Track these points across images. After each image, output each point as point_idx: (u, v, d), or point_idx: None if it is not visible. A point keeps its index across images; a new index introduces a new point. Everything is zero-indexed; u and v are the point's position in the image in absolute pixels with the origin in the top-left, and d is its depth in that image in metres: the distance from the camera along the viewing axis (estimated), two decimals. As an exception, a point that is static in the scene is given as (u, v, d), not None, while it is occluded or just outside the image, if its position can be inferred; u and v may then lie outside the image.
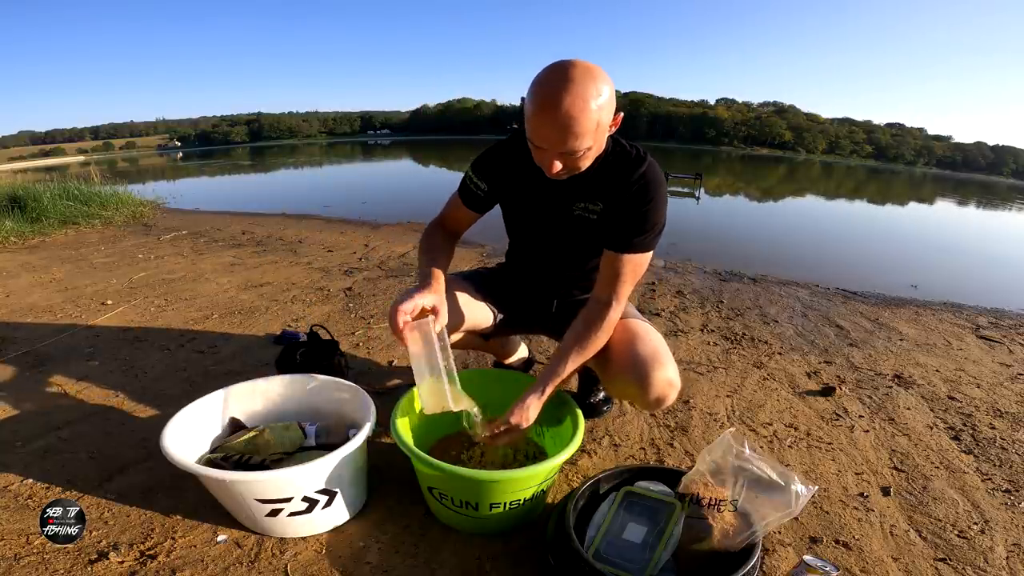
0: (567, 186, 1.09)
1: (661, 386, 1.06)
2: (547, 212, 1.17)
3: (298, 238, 4.25)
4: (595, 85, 0.89)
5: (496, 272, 1.43)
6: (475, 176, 1.20)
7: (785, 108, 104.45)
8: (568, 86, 0.88)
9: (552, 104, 0.89)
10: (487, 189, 1.20)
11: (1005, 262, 6.06)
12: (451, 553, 1.04)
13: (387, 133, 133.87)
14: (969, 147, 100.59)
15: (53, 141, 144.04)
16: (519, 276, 1.37)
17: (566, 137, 0.92)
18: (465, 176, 1.21)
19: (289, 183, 13.95)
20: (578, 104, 0.88)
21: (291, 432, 1.18)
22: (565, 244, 1.21)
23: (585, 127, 0.91)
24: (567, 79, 0.88)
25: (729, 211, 9.85)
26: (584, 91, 0.88)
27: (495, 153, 1.18)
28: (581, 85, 0.88)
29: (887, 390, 1.85)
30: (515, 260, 1.39)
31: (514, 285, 1.37)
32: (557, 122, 0.90)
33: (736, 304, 2.76)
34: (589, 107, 0.89)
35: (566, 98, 0.88)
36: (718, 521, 0.93)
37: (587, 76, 0.89)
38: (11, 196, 4.86)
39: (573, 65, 0.90)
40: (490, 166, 1.19)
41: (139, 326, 2.22)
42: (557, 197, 1.14)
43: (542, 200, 1.16)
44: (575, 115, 0.89)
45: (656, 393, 1.06)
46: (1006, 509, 1.25)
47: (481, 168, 1.19)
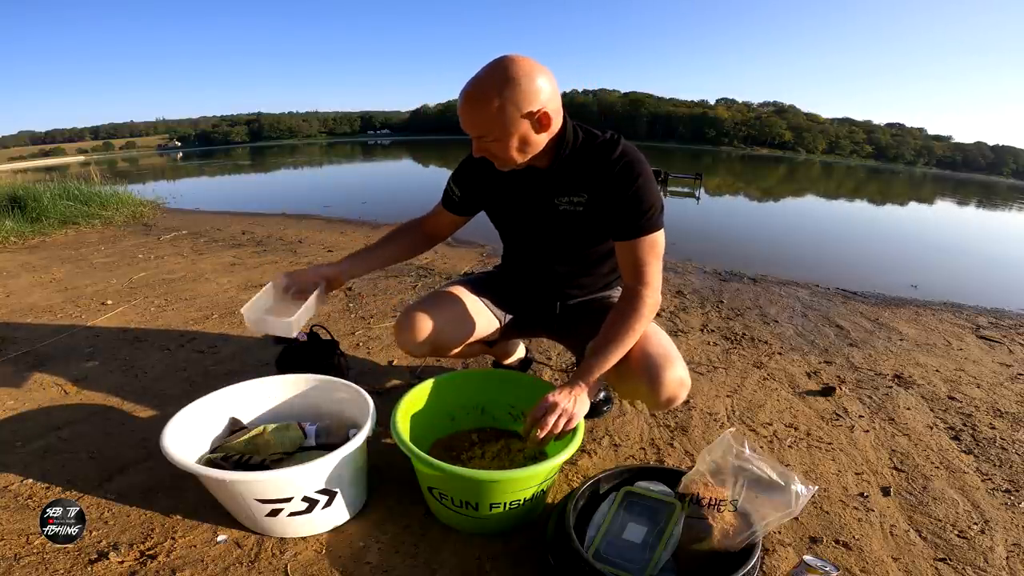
0: (545, 182, 1.11)
1: (672, 386, 1.06)
2: (531, 211, 1.18)
3: (298, 238, 4.26)
4: (506, 76, 0.94)
5: (495, 275, 1.43)
6: (452, 183, 1.27)
7: (785, 108, 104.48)
8: (478, 75, 0.96)
9: (463, 90, 0.98)
10: (461, 195, 1.26)
11: (1005, 262, 6.06)
12: (451, 553, 1.04)
13: (387, 133, 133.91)
14: (969, 147, 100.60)
15: (53, 141, 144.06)
16: (517, 279, 1.37)
17: (468, 123, 0.99)
18: (447, 182, 1.29)
19: (289, 183, 13.95)
20: (476, 95, 0.96)
21: (291, 432, 1.18)
22: (555, 241, 1.21)
23: (485, 116, 0.96)
24: (482, 70, 0.96)
25: (729, 211, 9.85)
26: (490, 80, 0.94)
27: (469, 159, 1.20)
28: (489, 76, 0.95)
29: (887, 390, 1.85)
30: (511, 263, 1.40)
31: (514, 288, 1.37)
32: (462, 107, 0.99)
33: (736, 304, 2.76)
34: (488, 100, 0.94)
35: (471, 86, 0.96)
36: (718, 521, 0.92)
37: (500, 69, 0.95)
38: (11, 196, 4.86)
39: (498, 58, 0.97)
40: (464, 173, 1.24)
41: (139, 326, 2.22)
42: (537, 195, 1.14)
43: (523, 200, 1.18)
44: (472, 101, 0.96)
45: (668, 393, 1.06)
46: (1006, 509, 1.25)
47: (457, 175, 1.26)
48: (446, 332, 1.25)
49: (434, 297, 1.29)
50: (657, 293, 1.08)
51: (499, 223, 1.30)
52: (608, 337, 1.05)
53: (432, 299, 1.28)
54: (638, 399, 1.19)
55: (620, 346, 1.05)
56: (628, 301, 1.07)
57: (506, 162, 1.04)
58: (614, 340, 1.05)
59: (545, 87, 0.96)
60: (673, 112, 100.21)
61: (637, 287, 1.07)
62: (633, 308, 1.05)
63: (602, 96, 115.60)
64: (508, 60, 0.96)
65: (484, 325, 1.33)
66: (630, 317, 1.05)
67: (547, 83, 0.97)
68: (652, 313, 1.08)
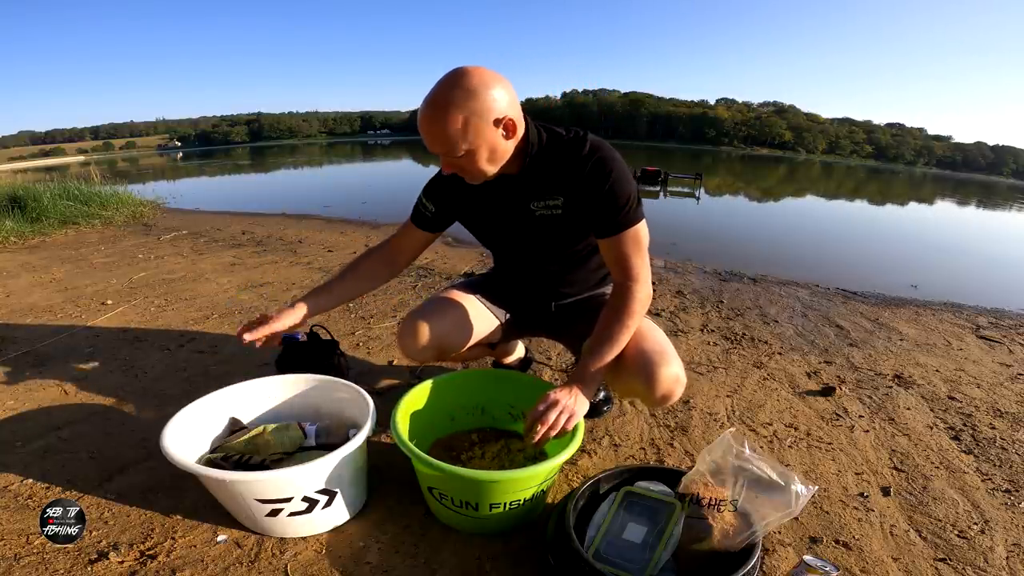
0: (518, 189, 1.10)
1: (668, 383, 1.06)
2: (508, 219, 1.17)
3: (298, 238, 4.26)
4: (464, 90, 0.92)
5: (492, 277, 1.43)
6: (424, 198, 1.24)
7: (785, 108, 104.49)
8: (434, 92, 0.93)
9: (421, 109, 0.95)
10: (435, 210, 1.23)
11: (1005, 262, 6.06)
12: (451, 553, 1.04)
13: (387, 133, 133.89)
14: (969, 147, 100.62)
15: (53, 141, 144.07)
16: (510, 282, 1.37)
17: (432, 141, 0.96)
18: (417, 199, 1.26)
19: (289, 183, 13.95)
20: (437, 113, 0.92)
21: (291, 432, 1.18)
22: (538, 244, 1.20)
23: (448, 131, 0.93)
24: (438, 85, 0.93)
25: (729, 211, 9.85)
26: (449, 95, 0.92)
27: (439, 173, 1.20)
28: (447, 90, 0.92)
29: (887, 390, 1.85)
30: (501, 268, 1.39)
31: (510, 289, 1.37)
32: (424, 126, 0.95)
33: (736, 304, 2.76)
34: (447, 115, 0.92)
35: (430, 104, 0.93)
36: (718, 521, 0.92)
37: (457, 82, 0.92)
38: (11, 196, 4.86)
39: (452, 71, 0.94)
40: (436, 187, 1.22)
41: (139, 326, 2.22)
42: (511, 202, 1.14)
43: (498, 208, 1.17)
44: (435, 119, 0.93)
45: (663, 390, 1.06)
46: (1006, 509, 1.25)
47: (429, 190, 1.24)
48: (449, 336, 1.25)
49: (435, 302, 1.30)
50: (647, 286, 1.08)
51: (477, 233, 1.28)
52: (602, 335, 1.05)
53: (433, 304, 1.29)
54: (635, 397, 1.19)
55: (615, 343, 1.05)
56: (618, 297, 1.07)
57: (477, 175, 1.03)
58: (608, 337, 1.05)
59: (504, 94, 0.96)
60: (673, 112, 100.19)
61: (626, 282, 1.07)
62: (624, 304, 1.06)
63: (602, 96, 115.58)
64: (463, 72, 0.94)
65: (485, 327, 1.33)
66: (622, 313, 1.05)
67: (505, 90, 0.96)
68: (644, 307, 1.07)
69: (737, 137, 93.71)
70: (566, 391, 1.01)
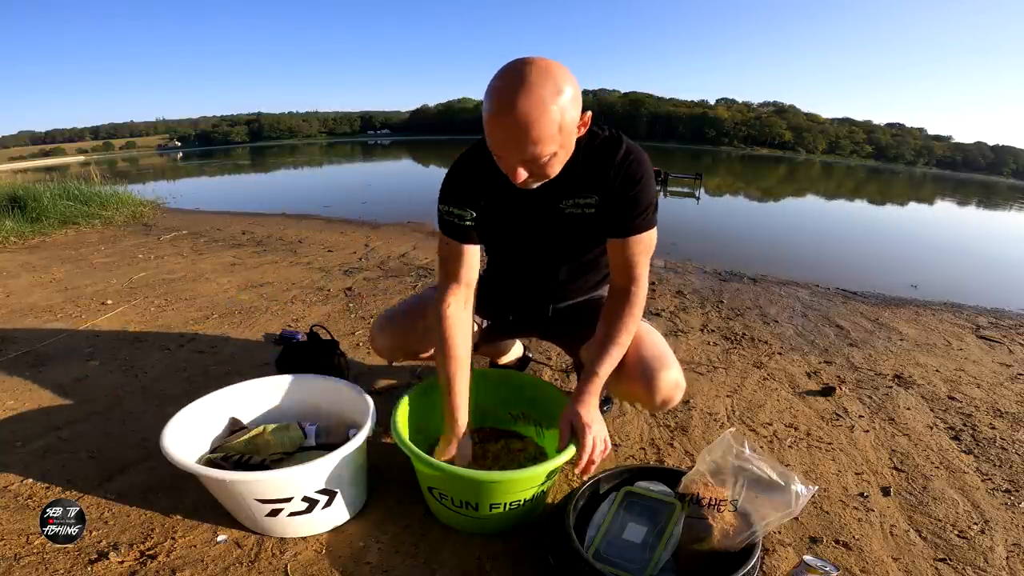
0: (551, 186, 1.01)
1: (668, 388, 1.06)
2: (534, 218, 1.09)
3: (298, 238, 4.25)
4: (554, 84, 0.83)
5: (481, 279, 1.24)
6: (455, 208, 1.07)
7: (785, 108, 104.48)
8: (524, 87, 0.82)
9: (507, 108, 0.83)
10: (476, 215, 1.07)
11: (1005, 262, 6.06)
12: (451, 553, 1.04)
13: (387, 133, 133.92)
14: (969, 147, 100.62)
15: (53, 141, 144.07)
16: (509, 284, 1.30)
17: (525, 143, 0.85)
18: (443, 216, 1.09)
19: (289, 183, 13.95)
20: (536, 106, 0.82)
21: (291, 432, 1.18)
22: (560, 246, 1.15)
23: (545, 131, 0.84)
24: (522, 80, 0.82)
25: (729, 211, 9.85)
26: (542, 92, 0.82)
27: (463, 174, 1.07)
28: (538, 86, 0.82)
29: (887, 390, 1.85)
30: (501, 271, 1.31)
31: (503, 293, 1.31)
32: (515, 127, 0.84)
33: (736, 304, 2.76)
34: (548, 109, 0.83)
35: (522, 100, 0.82)
36: (718, 521, 0.93)
37: (545, 75, 0.83)
38: (11, 196, 4.86)
39: (529, 64, 0.84)
40: (465, 190, 1.07)
41: (139, 326, 2.22)
42: (542, 200, 1.06)
43: (526, 207, 1.07)
44: (533, 118, 0.83)
45: (663, 395, 1.06)
46: (1006, 509, 1.25)
47: (456, 196, 1.07)
48: (419, 339, 1.23)
49: (408, 303, 1.29)
50: (646, 289, 1.08)
51: (494, 235, 1.15)
52: (607, 341, 1.05)
53: (406, 305, 1.28)
54: (634, 401, 1.19)
55: (620, 348, 1.05)
56: (620, 301, 1.06)
57: (545, 179, 0.95)
58: (614, 343, 1.05)
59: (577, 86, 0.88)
60: (673, 112, 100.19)
61: (628, 285, 1.06)
62: (626, 308, 1.05)
63: (602, 96, 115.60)
64: (545, 64, 0.84)
65: None
66: (625, 317, 1.05)
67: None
68: (642, 310, 1.08)
69: (737, 137, 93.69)
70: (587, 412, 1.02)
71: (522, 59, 0.86)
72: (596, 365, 1.04)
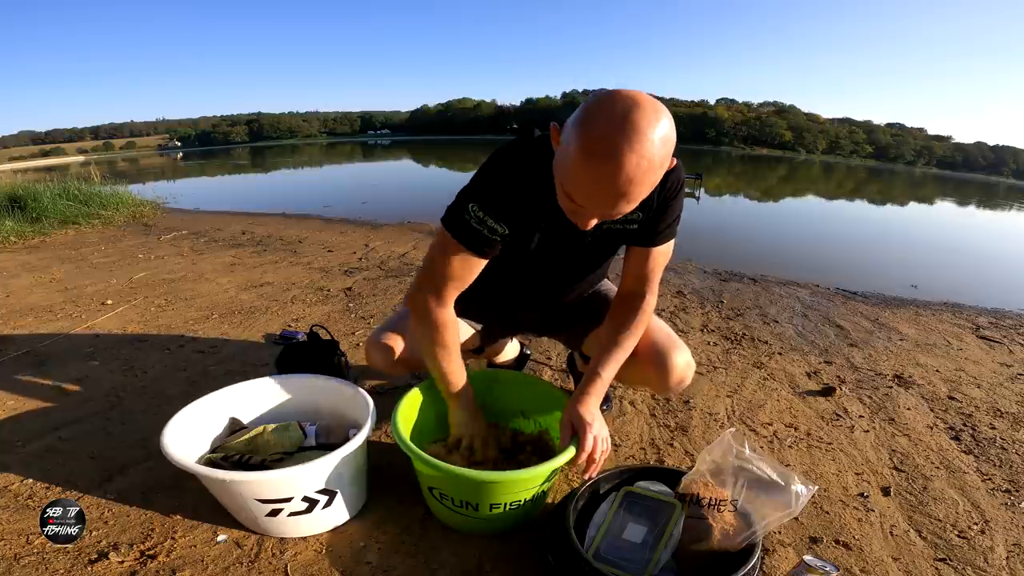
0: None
1: (680, 369, 1.08)
2: (572, 237, 1.00)
3: (298, 238, 4.25)
4: (664, 138, 0.71)
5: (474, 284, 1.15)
6: (489, 218, 0.93)
7: (785, 108, 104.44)
8: (636, 142, 0.69)
9: (611, 163, 0.70)
10: (507, 232, 0.96)
11: (1005, 262, 6.06)
12: (451, 553, 1.04)
13: (387, 133, 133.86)
14: (969, 147, 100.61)
15: (53, 141, 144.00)
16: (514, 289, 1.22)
17: (618, 202, 0.75)
18: (469, 219, 0.94)
19: (289, 183, 13.96)
20: (643, 167, 0.70)
21: (291, 432, 1.18)
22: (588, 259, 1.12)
23: (644, 192, 0.75)
24: (632, 130, 0.69)
25: (729, 211, 9.85)
26: (651, 149, 0.70)
27: (509, 184, 0.93)
28: (650, 143, 0.70)
29: (887, 390, 1.85)
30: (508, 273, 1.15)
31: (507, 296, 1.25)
32: (612, 186, 0.72)
33: (736, 304, 2.76)
34: (655, 169, 0.72)
35: (631, 160, 0.69)
36: (718, 521, 0.92)
37: (656, 126, 0.70)
38: (11, 196, 4.86)
39: (638, 108, 0.70)
40: (507, 202, 0.94)
41: (139, 326, 2.22)
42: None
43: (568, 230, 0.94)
44: (637, 181, 0.72)
45: (676, 377, 1.08)
46: (1006, 509, 1.25)
47: (494, 205, 0.93)
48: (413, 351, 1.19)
49: (403, 315, 1.23)
50: (656, 297, 1.09)
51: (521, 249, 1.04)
52: (613, 348, 1.05)
53: (401, 317, 1.24)
54: (646, 385, 1.21)
55: (625, 353, 1.06)
56: (631, 308, 1.06)
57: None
58: (620, 348, 1.05)
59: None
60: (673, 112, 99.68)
61: (642, 292, 1.07)
62: (637, 315, 1.06)
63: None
64: (655, 110, 0.71)
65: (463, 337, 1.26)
66: (634, 325, 1.05)
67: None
68: (650, 318, 1.10)
69: (737, 137, 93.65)
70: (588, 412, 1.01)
71: (628, 96, 0.71)
72: (600, 367, 1.04)
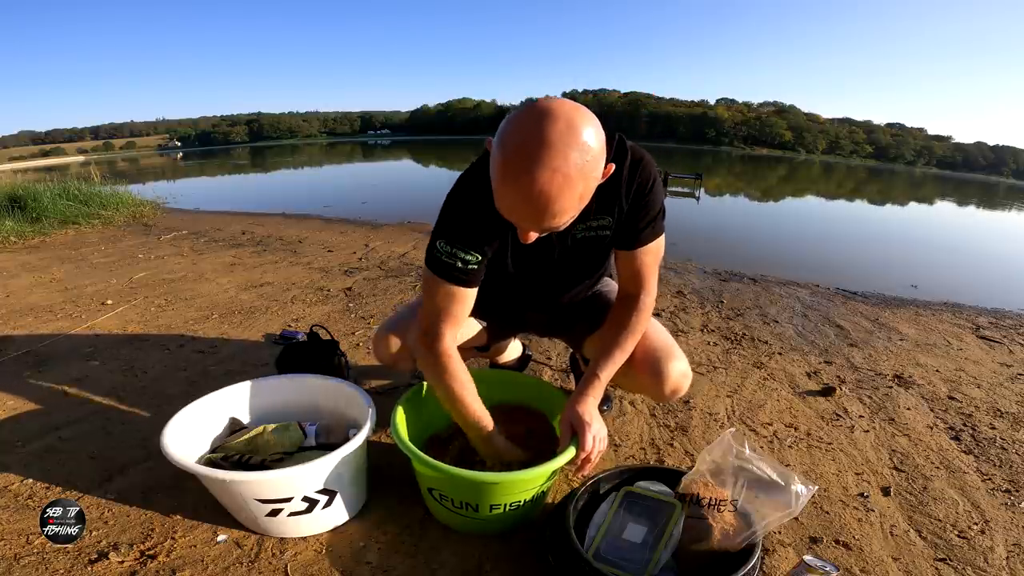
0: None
1: (676, 378, 1.07)
2: (546, 249, 1.02)
3: (298, 238, 4.25)
4: (579, 146, 0.70)
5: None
6: (459, 251, 0.94)
7: (785, 108, 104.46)
8: (545, 155, 0.68)
9: (523, 181, 0.70)
10: (481, 259, 0.97)
11: (1005, 262, 6.06)
12: (451, 553, 1.04)
13: (387, 133, 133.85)
14: (969, 147, 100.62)
15: (53, 141, 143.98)
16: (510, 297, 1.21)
17: (541, 219, 0.75)
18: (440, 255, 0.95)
19: (289, 183, 13.96)
20: (557, 181, 0.70)
21: (291, 432, 1.18)
22: (571, 268, 1.12)
23: (567, 205, 0.73)
24: (543, 144, 0.68)
25: (729, 211, 9.86)
26: (565, 163, 0.69)
27: (470, 212, 0.93)
28: (561, 154, 0.69)
29: (887, 390, 1.85)
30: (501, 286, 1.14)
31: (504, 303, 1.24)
32: (531, 204, 0.72)
33: (736, 304, 2.76)
34: (572, 183, 0.71)
35: (542, 174, 0.69)
36: (718, 521, 0.92)
37: (569, 135, 0.69)
38: (11, 196, 4.87)
39: (551, 119, 0.69)
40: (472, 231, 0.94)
41: (139, 326, 2.22)
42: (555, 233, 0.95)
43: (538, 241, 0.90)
44: (554, 196, 0.71)
45: (672, 385, 1.08)
46: (1006, 509, 1.25)
47: (461, 237, 0.94)
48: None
49: (407, 309, 1.24)
50: (655, 295, 1.08)
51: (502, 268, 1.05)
52: (612, 349, 1.05)
53: (407, 311, 1.23)
54: (642, 392, 1.20)
55: (624, 354, 1.06)
56: (629, 309, 1.06)
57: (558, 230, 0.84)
58: (619, 349, 1.05)
59: (600, 131, 0.76)
60: (673, 112, 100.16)
61: (638, 294, 1.06)
62: (634, 315, 1.05)
63: (602, 96, 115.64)
64: (568, 117, 0.70)
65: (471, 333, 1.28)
66: (633, 325, 1.05)
67: (597, 125, 0.75)
68: (650, 316, 1.09)
69: (737, 137, 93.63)
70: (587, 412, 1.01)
71: (542, 109, 0.71)
72: (599, 368, 1.04)
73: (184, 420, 1.10)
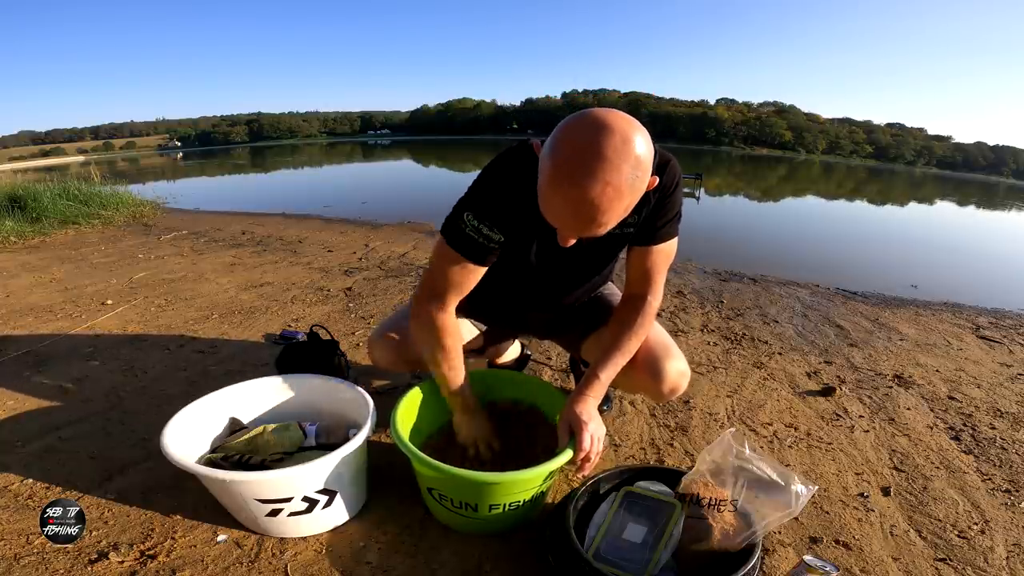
0: None
1: (674, 377, 1.08)
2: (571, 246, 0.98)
3: (298, 238, 4.25)
4: (633, 162, 0.71)
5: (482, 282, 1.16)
6: (484, 227, 0.95)
7: (785, 108, 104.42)
8: (600, 169, 0.69)
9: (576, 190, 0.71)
10: (503, 239, 0.96)
11: (1005, 262, 6.06)
12: (451, 553, 1.04)
13: (387, 133, 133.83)
14: (969, 147, 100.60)
15: (53, 141, 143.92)
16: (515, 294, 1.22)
17: (589, 227, 0.76)
18: (464, 227, 0.96)
19: (289, 183, 13.96)
20: (608, 194, 0.71)
21: (291, 432, 1.18)
22: (587, 264, 1.12)
23: (615, 216, 0.75)
24: (599, 157, 0.69)
25: (729, 211, 9.85)
26: (619, 178, 0.70)
27: (503, 191, 0.94)
28: (616, 169, 0.70)
29: (887, 390, 1.85)
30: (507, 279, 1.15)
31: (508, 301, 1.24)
32: (580, 213, 0.73)
33: (736, 304, 2.76)
34: (623, 195, 0.72)
35: (595, 187, 0.70)
36: (718, 521, 0.93)
37: (624, 150, 0.70)
38: (11, 196, 4.86)
39: (607, 132, 0.70)
40: (501, 210, 0.95)
41: (139, 326, 2.22)
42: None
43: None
44: (604, 208, 0.72)
45: (670, 385, 1.08)
46: (1006, 509, 1.25)
47: (489, 213, 0.94)
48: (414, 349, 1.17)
49: (401, 313, 1.24)
50: (660, 298, 1.08)
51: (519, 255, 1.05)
52: (614, 351, 1.05)
53: (399, 316, 1.24)
54: (641, 392, 1.20)
55: (626, 356, 1.06)
56: (634, 310, 1.05)
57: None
58: (621, 351, 1.04)
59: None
60: (673, 112, 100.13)
61: (644, 294, 1.06)
62: (639, 318, 1.05)
63: (602, 96, 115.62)
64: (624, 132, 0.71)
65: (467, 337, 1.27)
66: (637, 327, 1.05)
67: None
68: (653, 321, 1.09)
69: (737, 137, 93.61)
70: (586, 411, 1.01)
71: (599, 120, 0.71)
72: (599, 369, 1.04)
73: (184, 420, 1.10)
